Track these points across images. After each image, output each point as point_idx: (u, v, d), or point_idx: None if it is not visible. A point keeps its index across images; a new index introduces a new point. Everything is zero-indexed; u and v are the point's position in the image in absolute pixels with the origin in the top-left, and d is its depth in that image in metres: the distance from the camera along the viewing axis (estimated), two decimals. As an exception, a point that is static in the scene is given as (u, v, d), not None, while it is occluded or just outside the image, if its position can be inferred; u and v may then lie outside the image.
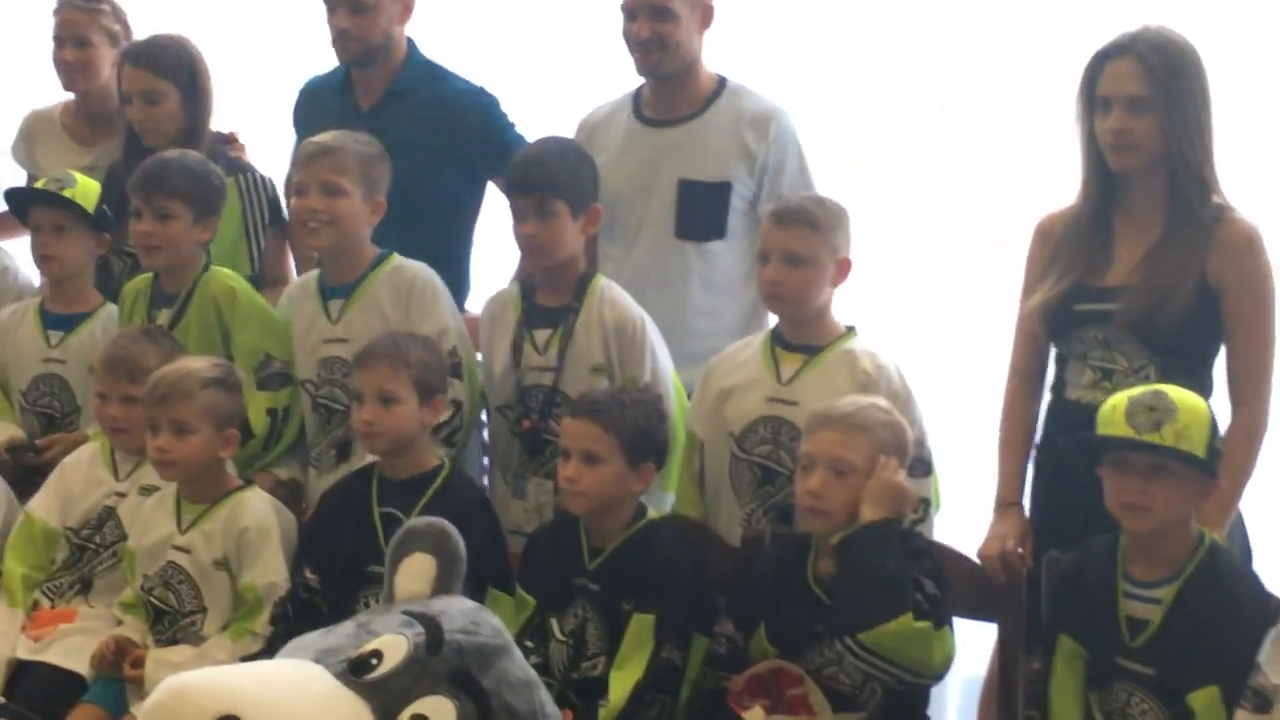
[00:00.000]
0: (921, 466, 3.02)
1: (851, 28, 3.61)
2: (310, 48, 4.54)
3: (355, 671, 2.42)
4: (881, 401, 2.93)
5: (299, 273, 3.93)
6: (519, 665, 2.55)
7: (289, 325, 3.55)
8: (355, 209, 3.40)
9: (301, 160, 3.40)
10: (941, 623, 2.78)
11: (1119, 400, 2.67)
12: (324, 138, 3.42)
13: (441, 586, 2.67)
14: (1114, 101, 2.95)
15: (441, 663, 2.45)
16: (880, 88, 3.87)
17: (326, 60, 3.97)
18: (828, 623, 2.83)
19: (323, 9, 3.80)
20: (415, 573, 2.66)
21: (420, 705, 2.38)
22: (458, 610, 2.58)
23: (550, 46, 4.34)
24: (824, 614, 2.85)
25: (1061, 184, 3.75)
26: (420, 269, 3.46)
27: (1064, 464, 2.96)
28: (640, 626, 2.95)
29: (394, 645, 2.46)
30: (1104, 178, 3.03)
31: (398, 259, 3.46)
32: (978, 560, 3.00)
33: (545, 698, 2.55)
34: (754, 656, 2.93)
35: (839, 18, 3.57)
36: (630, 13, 3.56)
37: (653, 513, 3.12)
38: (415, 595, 2.64)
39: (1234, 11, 3.79)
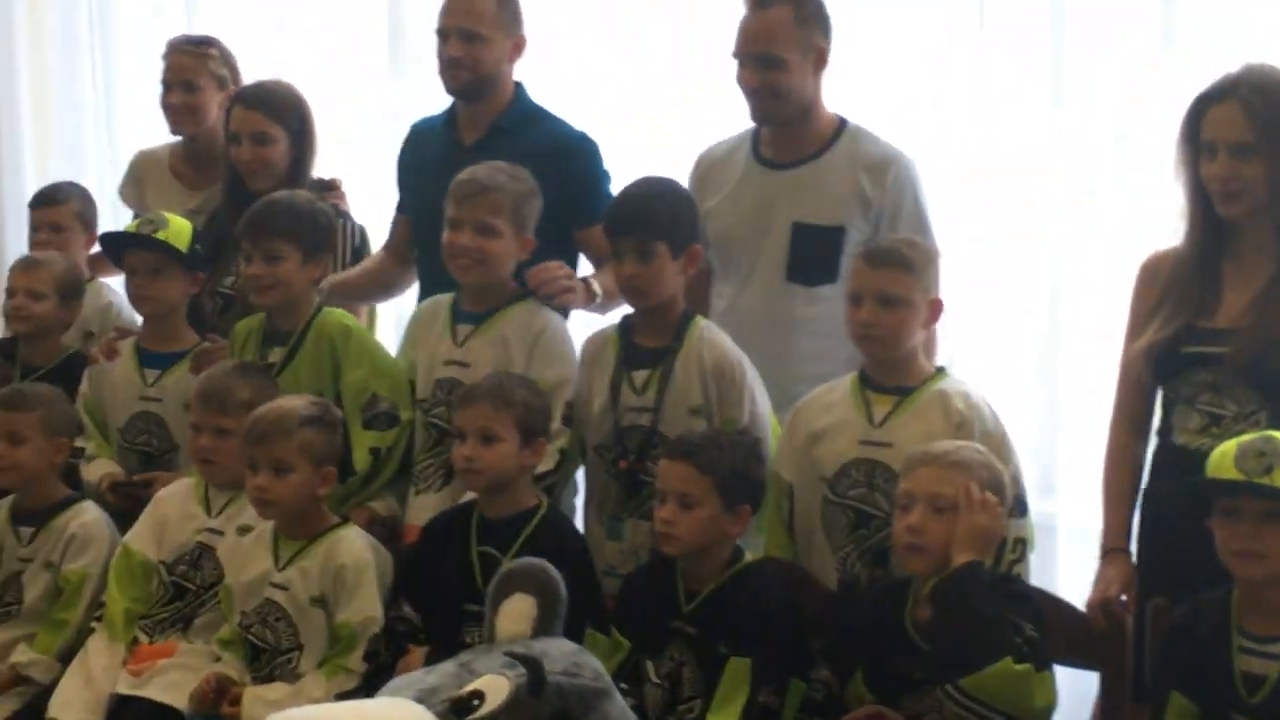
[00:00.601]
0: (1018, 507, 2.99)
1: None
2: (393, 92, 4.64)
3: (457, 712, 2.44)
4: (979, 445, 2.93)
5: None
6: (620, 708, 2.58)
7: (401, 365, 3.60)
8: (506, 247, 3.43)
9: (456, 196, 3.42)
10: (1043, 666, 2.74)
11: (1228, 446, 2.63)
12: (480, 174, 3.43)
13: (542, 627, 2.69)
14: (1218, 147, 2.90)
15: (543, 704, 2.48)
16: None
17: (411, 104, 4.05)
18: (927, 669, 2.80)
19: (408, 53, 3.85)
20: (516, 613, 2.68)
21: None
22: (559, 652, 2.61)
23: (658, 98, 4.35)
24: (923, 660, 2.82)
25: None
26: (554, 318, 3.48)
27: (1170, 510, 2.90)
28: (737, 670, 2.93)
29: (496, 686, 2.48)
30: (1211, 221, 2.98)
31: (534, 301, 3.48)
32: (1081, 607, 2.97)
33: None
34: (850, 703, 2.90)
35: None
36: (740, 60, 3.54)
37: (749, 556, 3.10)
38: (516, 636, 2.66)
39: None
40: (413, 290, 4.09)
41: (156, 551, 3.49)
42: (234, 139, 3.97)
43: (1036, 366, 3.95)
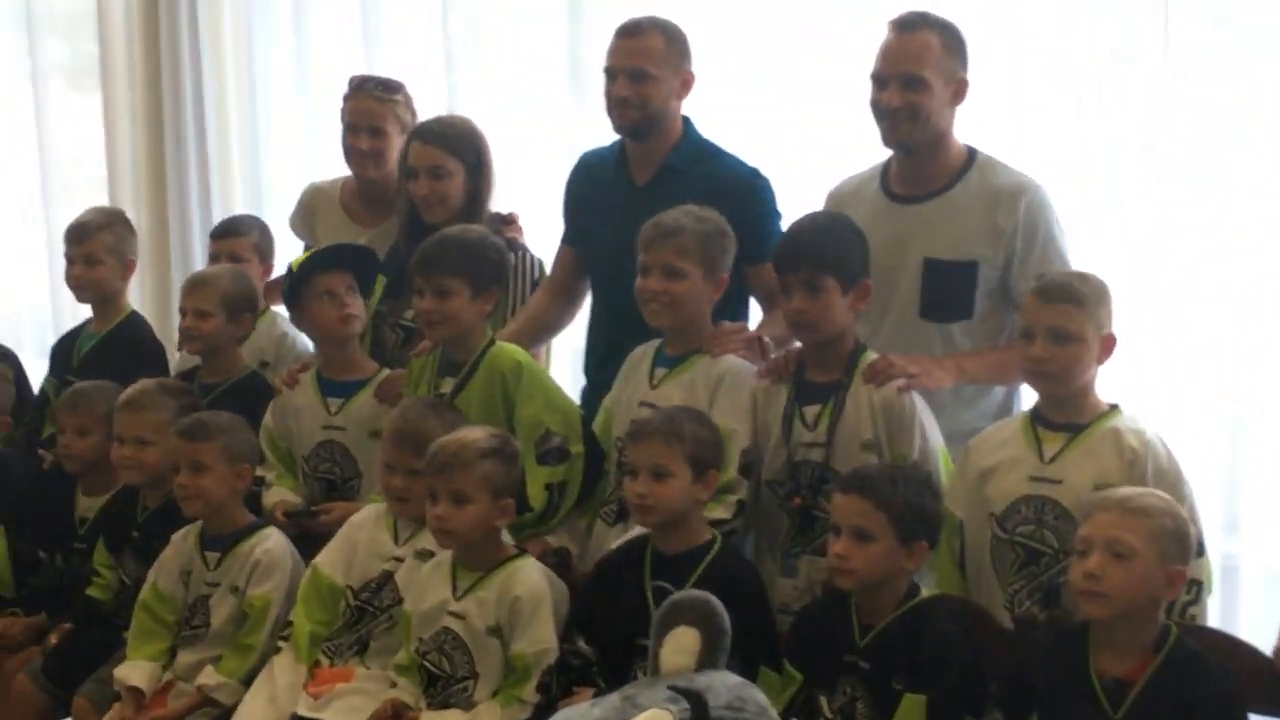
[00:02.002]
0: (1195, 547, 2.93)
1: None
2: (574, 124, 4.70)
3: None
4: (1160, 493, 2.88)
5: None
6: None
7: (571, 401, 3.68)
8: (694, 289, 3.45)
9: (644, 241, 3.46)
10: None
11: None
12: (666, 218, 3.47)
13: (707, 661, 2.69)
14: None
15: None
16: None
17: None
18: None
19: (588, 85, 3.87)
20: (680, 646, 2.70)
21: None
22: (723, 686, 2.61)
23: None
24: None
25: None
26: (736, 362, 3.49)
27: None
28: (912, 707, 2.91)
29: None
30: None
31: None
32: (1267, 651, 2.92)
33: None
34: (1024, 750, 2.87)
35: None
36: (881, 81, 3.53)
37: (925, 591, 3.09)
38: (680, 669, 2.67)
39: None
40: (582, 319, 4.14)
41: (345, 576, 3.56)
42: (411, 174, 4.04)
43: (1218, 408, 3.90)
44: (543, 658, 3.23)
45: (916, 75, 3.48)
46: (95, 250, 4.42)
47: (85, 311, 4.57)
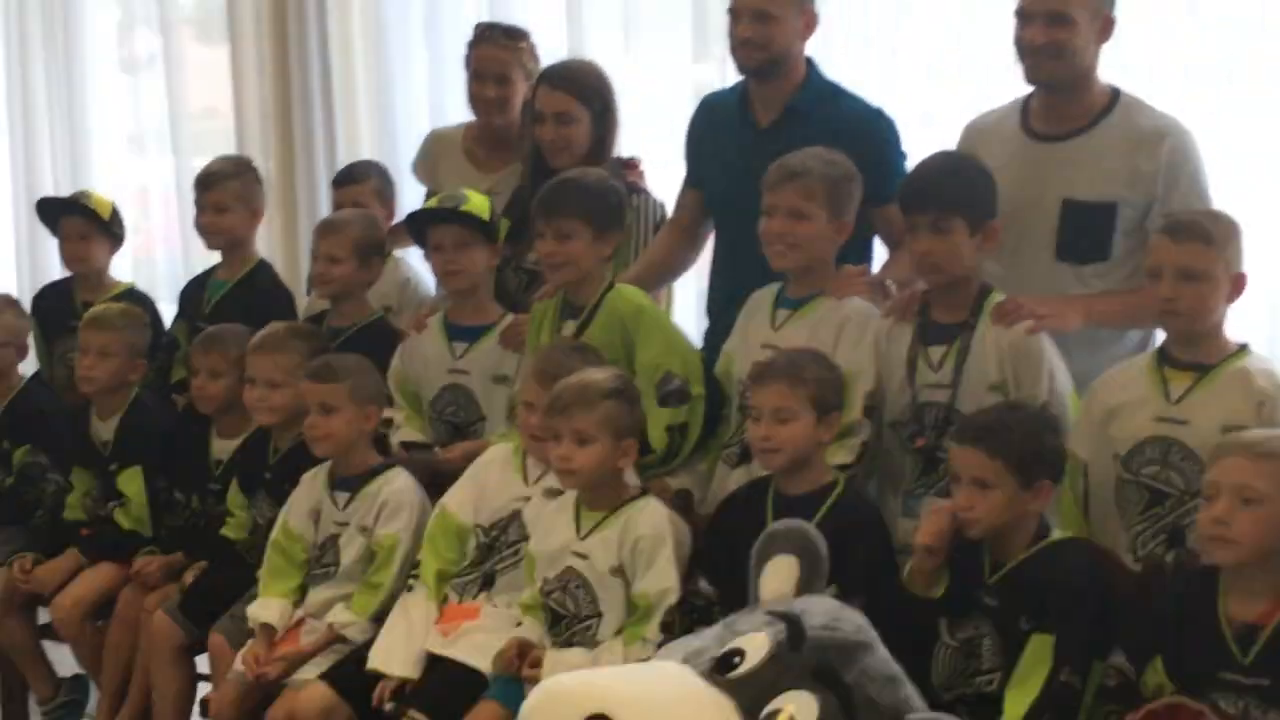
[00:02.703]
0: None
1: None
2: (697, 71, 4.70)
3: (720, 670, 2.48)
4: None
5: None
6: (882, 660, 2.55)
7: (690, 343, 3.69)
8: (820, 231, 3.45)
9: (769, 183, 3.46)
10: None
11: None
12: (792, 160, 3.46)
13: (805, 587, 2.71)
14: None
15: (803, 659, 2.49)
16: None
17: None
18: (1259, 696, 2.72)
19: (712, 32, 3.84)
20: (779, 574, 2.73)
21: (784, 700, 2.42)
22: (820, 608, 2.62)
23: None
24: (1238, 666, 2.74)
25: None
26: (860, 304, 3.50)
27: None
28: (1039, 646, 2.91)
29: (756, 643, 2.52)
30: None
31: None
32: None
33: (912, 693, 2.54)
34: (1147, 692, 2.85)
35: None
36: (1026, 17, 3.48)
37: (1057, 533, 3.08)
38: (780, 596, 2.69)
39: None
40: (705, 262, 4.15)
41: (473, 516, 3.60)
42: (538, 118, 4.08)
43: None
44: (665, 598, 3.27)
45: (1062, 12, 3.44)
46: (224, 198, 4.49)
47: (216, 259, 4.66)
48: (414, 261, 4.53)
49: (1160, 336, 3.28)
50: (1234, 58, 3.97)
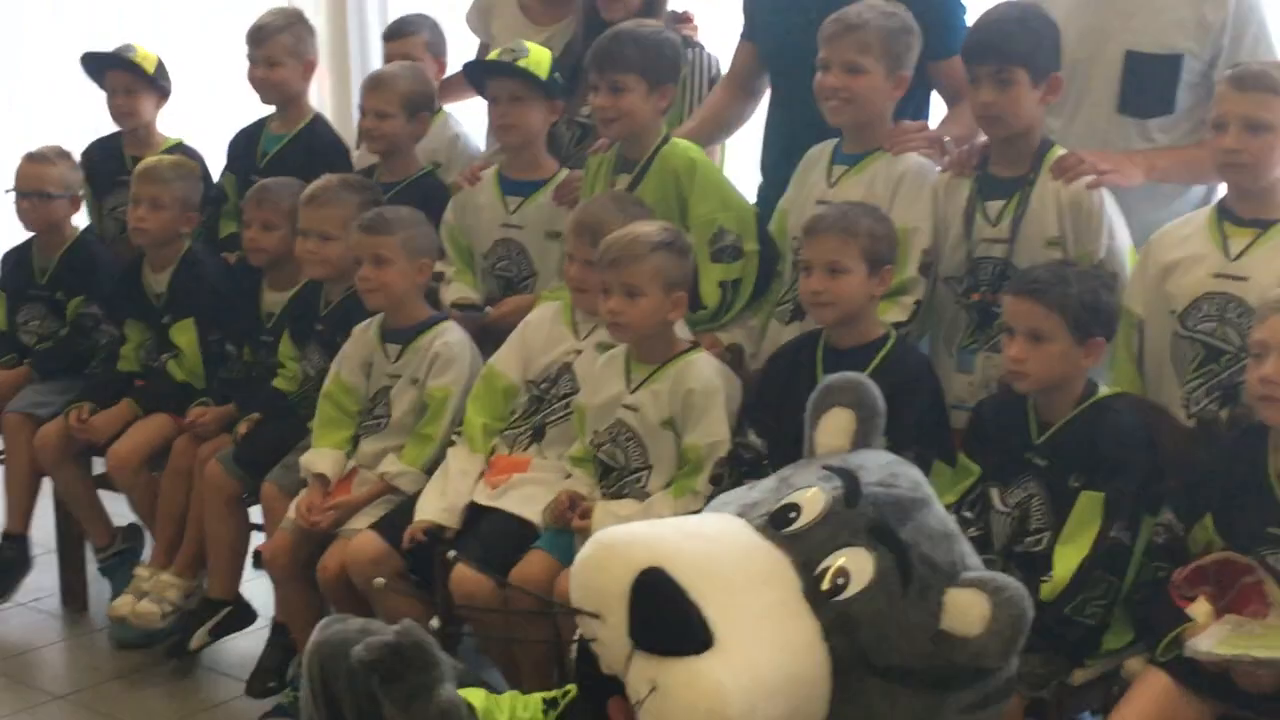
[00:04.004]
0: None
1: None
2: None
3: (775, 525, 2.46)
4: None
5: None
6: (938, 518, 2.54)
7: (745, 200, 3.68)
8: (876, 85, 3.43)
9: (825, 36, 3.43)
10: None
11: None
12: (849, 12, 3.43)
13: (861, 441, 2.67)
14: None
15: (859, 515, 2.46)
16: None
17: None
18: None
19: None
20: (834, 428, 2.68)
21: (839, 556, 2.40)
22: (876, 464, 2.59)
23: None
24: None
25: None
26: (918, 162, 3.48)
27: None
28: (1089, 504, 2.93)
29: (812, 499, 2.49)
30: None
31: None
32: None
33: (967, 549, 2.54)
34: (1194, 548, 2.88)
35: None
36: None
37: (1104, 389, 3.08)
38: (835, 450, 2.66)
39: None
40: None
41: (521, 374, 3.64)
42: (592, -30, 4.04)
43: None
44: (715, 450, 3.30)
45: None
46: (275, 52, 4.48)
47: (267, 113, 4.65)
48: (463, 117, 4.51)
49: (1223, 192, 3.25)
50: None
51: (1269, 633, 2.73)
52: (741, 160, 4.26)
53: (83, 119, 5.34)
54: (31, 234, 4.73)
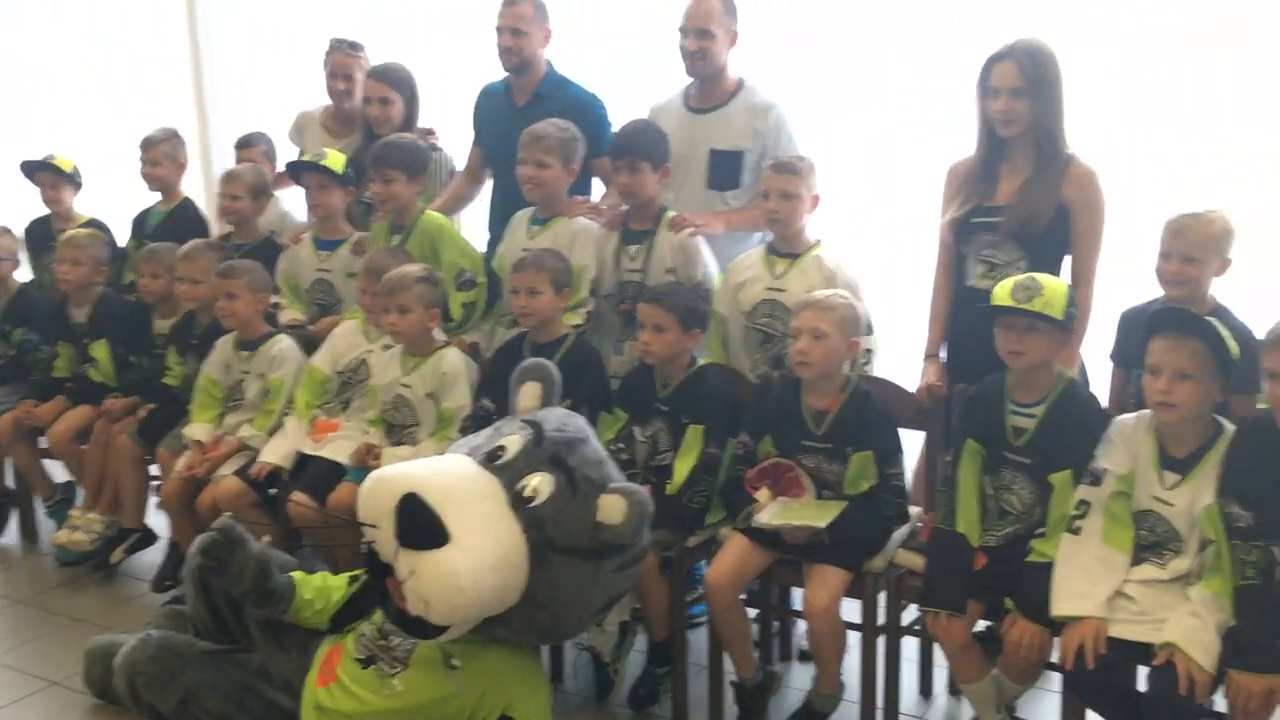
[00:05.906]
0: (865, 327, 2.97)
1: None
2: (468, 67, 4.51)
3: (490, 459, 2.47)
4: (843, 293, 2.91)
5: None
6: (594, 449, 2.57)
7: (475, 249, 3.60)
8: (556, 175, 3.38)
9: (523, 144, 3.36)
10: None
11: (1005, 284, 2.63)
12: (538, 127, 3.36)
13: (545, 402, 2.70)
14: (1001, 91, 2.86)
15: (543, 450, 2.48)
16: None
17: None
18: (827, 455, 2.80)
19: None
20: (529, 394, 2.71)
21: (532, 478, 2.43)
22: (554, 417, 2.62)
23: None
24: (813, 436, 2.83)
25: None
26: (584, 222, 3.40)
27: (969, 328, 2.88)
28: (694, 433, 2.97)
29: (514, 441, 2.50)
30: (993, 139, 2.94)
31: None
32: (913, 391, 3.00)
33: (613, 471, 2.56)
34: (760, 456, 2.92)
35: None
36: (684, 32, 3.43)
37: (702, 361, 3.12)
38: (529, 409, 2.67)
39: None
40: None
41: (333, 367, 3.51)
42: (368, 101, 3.94)
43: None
44: (461, 411, 3.24)
45: (706, 29, 3.41)
46: (157, 156, 4.24)
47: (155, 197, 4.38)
48: (289, 199, 4.33)
49: (770, 236, 3.32)
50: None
51: (804, 508, 2.80)
52: (474, 223, 4.20)
53: (22, 204, 4.93)
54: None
